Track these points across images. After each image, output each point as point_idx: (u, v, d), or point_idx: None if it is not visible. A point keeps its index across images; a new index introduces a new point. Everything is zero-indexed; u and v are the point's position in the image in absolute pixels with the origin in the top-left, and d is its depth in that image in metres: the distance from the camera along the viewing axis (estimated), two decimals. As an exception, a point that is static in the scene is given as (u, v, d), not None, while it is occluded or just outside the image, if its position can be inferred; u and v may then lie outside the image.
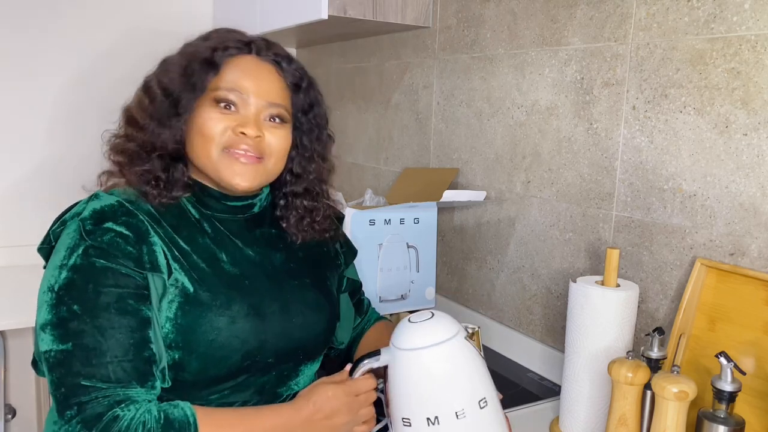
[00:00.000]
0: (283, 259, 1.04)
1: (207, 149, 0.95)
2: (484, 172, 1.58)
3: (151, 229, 0.91)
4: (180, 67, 0.96)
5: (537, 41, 1.41)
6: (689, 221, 1.13)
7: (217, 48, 0.96)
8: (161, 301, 0.90)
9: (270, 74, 0.99)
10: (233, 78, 0.95)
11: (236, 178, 0.95)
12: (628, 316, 1.05)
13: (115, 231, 0.88)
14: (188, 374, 0.91)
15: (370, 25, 1.76)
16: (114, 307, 0.85)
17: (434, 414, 0.85)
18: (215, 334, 0.91)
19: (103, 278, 0.86)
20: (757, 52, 1.01)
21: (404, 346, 0.88)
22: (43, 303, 0.87)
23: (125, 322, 0.86)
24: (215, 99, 0.94)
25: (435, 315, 0.90)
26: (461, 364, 0.87)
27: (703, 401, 1.00)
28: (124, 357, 0.84)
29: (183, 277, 0.92)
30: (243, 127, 0.94)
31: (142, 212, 0.92)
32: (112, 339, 0.84)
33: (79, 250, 0.87)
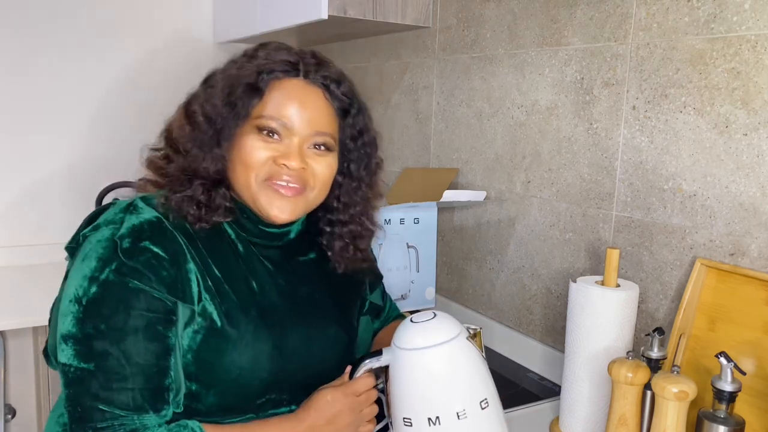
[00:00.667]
0: (309, 291, 1.01)
1: (247, 178, 0.91)
2: (484, 172, 1.58)
3: (188, 253, 0.88)
4: (223, 93, 0.91)
5: (537, 41, 1.41)
6: (689, 221, 1.13)
7: (261, 71, 0.91)
8: (186, 328, 0.88)
9: (317, 100, 0.94)
10: (277, 105, 0.91)
11: (275, 210, 0.92)
12: (628, 316, 1.05)
13: (152, 252, 0.85)
14: (202, 405, 0.90)
15: (370, 25, 1.76)
16: (142, 332, 0.83)
17: (435, 414, 0.85)
18: (236, 373, 0.90)
19: (135, 300, 0.83)
20: (757, 52, 1.01)
21: (406, 346, 0.88)
22: (68, 313, 0.84)
23: (152, 348, 0.83)
24: (258, 127, 0.90)
25: (437, 315, 0.90)
26: (463, 364, 0.87)
27: (703, 401, 1.00)
28: (145, 385, 0.83)
29: (212, 308, 0.89)
30: (285, 159, 0.90)
31: (180, 230, 0.89)
32: (136, 366, 0.82)
33: (113, 266, 0.84)
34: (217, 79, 0.94)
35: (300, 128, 0.92)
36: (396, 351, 0.89)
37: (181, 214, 0.90)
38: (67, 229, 2.22)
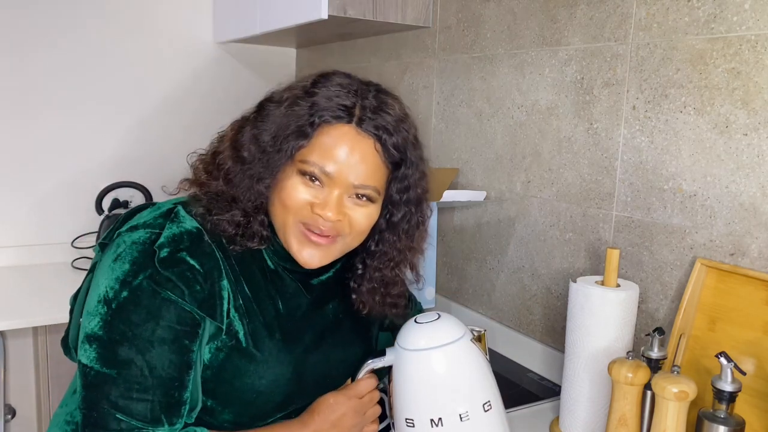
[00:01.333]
0: (334, 310, 1.00)
1: (284, 217, 0.89)
2: (484, 172, 1.58)
3: (223, 269, 0.87)
4: (271, 132, 0.88)
5: (537, 41, 1.41)
6: (689, 221, 1.13)
7: (314, 113, 0.87)
8: (207, 344, 0.87)
9: (366, 152, 0.88)
10: (323, 153, 0.87)
11: (305, 256, 0.90)
12: (628, 316, 1.05)
13: (189, 264, 0.84)
14: (215, 420, 0.90)
15: (370, 25, 1.76)
16: (169, 344, 0.82)
17: (438, 415, 0.85)
18: (255, 396, 0.90)
19: (165, 311, 0.82)
20: (757, 52, 1.01)
21: (410, 347, 0.88)
22: (96, 314, 0.83)
23: (175, 361, 0.83)
24: (301, 171, 0.88)
25: (441, 316, 0.90)
26: (466, 366, 0.87)
27: (703, 401, 1.00)
28: (164, 398, 0.82)
29: (240, 327, 0.88)
30: (322, 209, 0.87)
31: (217, 243, 0.88)
32: (158, 378, 0.81)
33: (147, 272, 0.82)
34: (270, 112, 0.90)
35: (342, 180, 0.88)
36: (400, 351, 0.89)
37: (217, 234, 0.89)
38: (67, 229, 2.22)
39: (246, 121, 0.92)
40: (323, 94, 0.88)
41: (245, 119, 0.92)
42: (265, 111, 0.90)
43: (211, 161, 0.93)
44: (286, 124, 0.87)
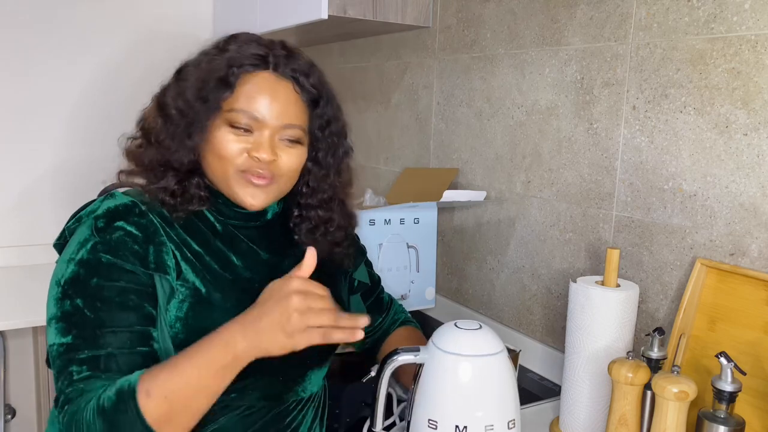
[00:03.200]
0: (291, 265, 1.01)
1: (223, 170, 0.94)
2: (484, 172, 1.58)
3: (162, 230, 0.92)
4: (195, 86, 0.94)
5: (537, 41, 1.41)
6: (689, 221, 1.13)
7: (232, 65, 0.93)
8: (170, 301, 0.91)
9: (287, 93, 0.96)
10: (248, 99, 0.93)
11: (248, 198, 0.96)
12: (628, 316, 1.05)
13: (125, 230, 0.89)
14: None
15: (370, 25, 1.76)
16: (116, 301, 0.86)
17: (464, 423, 0.85)
18: None
19: (107, 273, 0.87)
20: (757, 52, 1.01)
21: (450, 350, 0.87)
22: (51, 297, 0.88)
23: (125, 316, 0.86)
24: (229, 121, 0.93)
25: (483, 327, 0.90)
26: (502, 381, 0.88)
27: (703, 401, 1.00)
28: (119, 350, 0.85)
29: (195, 277, 0.92)
30: (257, 152, 0.93)
31: (156, 213, 0.93)
32: (110, 333, 0.85)
33: (88, 245, 0.88)
34: (189, 72, 0.96)
35: (270, 121, 0.94)
36: (436, 352, 0.88)
37: (156, 205, 0.94)
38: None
39: (166, 88, 0.97)
40: (237, 50, 0.95)
41: (165, 87, 0.97)
42: (183, 74, 0.96)
43: (141, 133, 0.98)
44: (207, 78, 0.93)
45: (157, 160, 0.94)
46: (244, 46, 0.96)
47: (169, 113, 0.94)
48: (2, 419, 1.76)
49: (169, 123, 0.94)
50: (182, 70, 0.97)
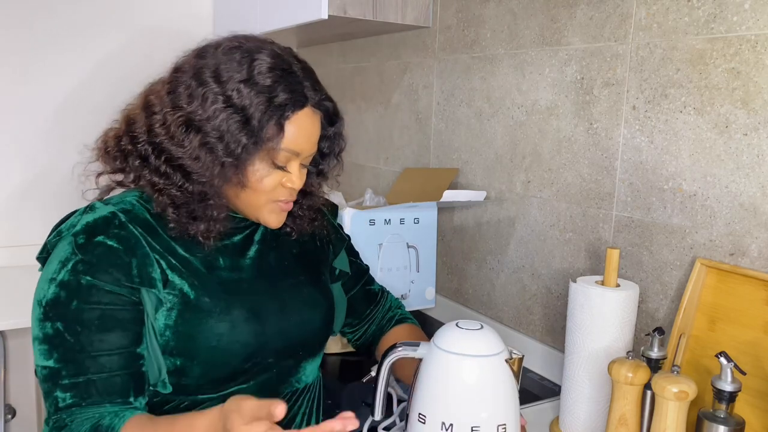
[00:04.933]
0: (277, 258, 1.04)
1: (254, 200, 0.94)
2: (484, 172, 1.58)
3: (144, 240, 0.90)
4: (240, 119, 0.88)
5: (537, 41, 1.41)
6: (689, 221, 1.13)
7: (284, 108, 0.89)
8: (157, 311, 0.90)
9: (317, 125, 0.96)
10: (294, 140, 0.91)
11: (275, 222, 0.98)
12: (628, 316, 1.05)
13: (106, 245, 0.88)
14: (191, 379, 0.92)
15: (370, 25, 1.76)
16: (96, 324, 0.86)
17: (450, 421, 0.85)
18: (216, 340, 0.92)
19: (87, 295, 0.86)
20: (757, 52, 1.01)
21: (444, 347, 0.88)
22: (34, 317, 0.88)
23: (106, 339, 0.86)
24: (272, 159, 0.91)
25: (484, 327, 0.90)
26: (494, 383, 0.87)
27: (703, 401, 1.00)
28: (99, 375, 0.86)
29: (182, 283, 0.92)
30: (292, 183, 0.94)
31: (137, 223, 0.91)
32: (90, 358, 0.85)
33: (69, 265, 0.87)
34: (229, 97, 0.88)
35: (304, 155, 0.96)
36: (434, 349, 0.89)
37: (142, 211, 0.92)
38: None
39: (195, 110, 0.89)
40: (271, 83, 0.89)
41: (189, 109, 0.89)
42: (211, 96, 0.88)
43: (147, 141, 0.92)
44: (253, 114, 0.88)
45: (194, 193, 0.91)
46: (285, 81, 0.90)
47: (210, 142, 0.89)
48: (2, 419, 1.76)
49: (213, 154, 0.89)
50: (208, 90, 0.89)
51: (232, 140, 0.88)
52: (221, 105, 0.88)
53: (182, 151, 0.89)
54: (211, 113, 0.88)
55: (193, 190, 0.91)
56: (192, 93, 0.90)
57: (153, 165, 0.92)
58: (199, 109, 0.89)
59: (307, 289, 1.05)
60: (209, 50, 0.94)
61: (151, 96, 0.96)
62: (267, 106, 0.89)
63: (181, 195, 0.91)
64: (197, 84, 0.90)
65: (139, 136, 0.93)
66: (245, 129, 0.88)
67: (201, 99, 0.89)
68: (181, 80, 0.92)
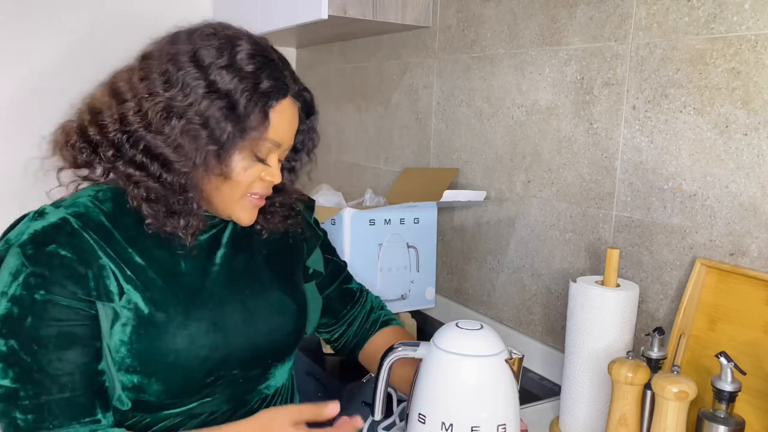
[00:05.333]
0: (246, 260, 0.99)
1: (231, 193, 0.90)
2: (484, 172, 1.58)
3: (99, 249, 0.84)
4: (224, 106, 0.84)
5: (537, 41, 1.41)
6: (689, 221, 1.13)
7: (269, 96, 0.87)
8: (113, 326, 0.85)
9: (297, 117, 0.94)
10: (276, 131, 0.88)
11: (247, 218, 0.93)
12: (628, 316, 1.05)
13: (59, 255, 0.82)
14: (150, 395, 0.88)
15: (370, 25, 1.76)
16: (53, 342, 0.81)
17: (450, 421, 0.85)
18: (174, 356, 0.87)
19: (43, 311, 0.81)
20: (757, 52, 1.01)
21: (443, 347, 0.88)
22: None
23: (66, 357, 0.82)
24: (254, 151, 0.88)
25: (484, 327, 0.90)
26: (494, 383, 0.87)
27: (703, 401, 1.00)
28: (60, 395, 0.81)
29: (137, 297, 0.86)
30: (272, 177, 0.91)
31: (91, 228, 0.85)
32: (49, 377, 0.81)
33: (20, 278, 0.81)
34: (212, 82, 0.85)
35: (283, 147, 0.93)
36: (434, 349, 0.89)
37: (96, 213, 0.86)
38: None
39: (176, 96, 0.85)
40: (254, 69, 0.86)
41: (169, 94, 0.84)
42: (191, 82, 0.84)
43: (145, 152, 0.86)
44: (237, 102, 0.84)
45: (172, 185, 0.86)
46: (267, 70, 0.88)
47: (191, 128, 0.84)
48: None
49: (196, 142, 0.84)
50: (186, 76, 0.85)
51: (216, 127, 0.84)
52: (203, 90, 0.84)
53: (162, 138, 0.84)
54: (193, 99, 0.84)
55: (172, 181, 0.86)
56: (169, 78, 0.85)
57: (128, 155, 0.86)
58: (179, 94, 0.84)
59: (276, 294, 1.00)
60: (182, 36, 0.91)
61: (119, 83, 0.89)
62: (252, 92, 0.85)
63: (159, 187, 0.86)
64: (175, 69, 0.85)
65: (109, 125, 0.87)
66: (231, 116, 0.84)
67: (181, 84, 0.84)
68: (153, 66, 0.87)
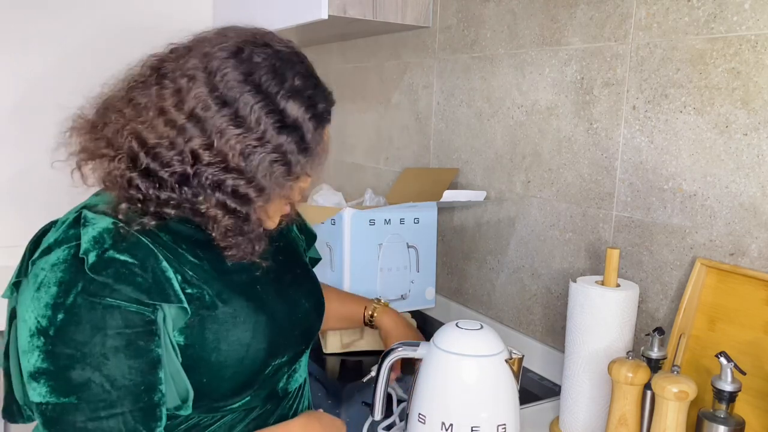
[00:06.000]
0: (273, 253, 0.99)
1: (278, 209, 0.93)
2: (484, 172, 1.58)
3: (158, 251, 0.81)
4: (297, 137, 0.84)
5: (537, 41, 1.41)
6: (689, 221, 1.13)
7: (323, 114, 0.87)
8: (176, 328, 0.83)
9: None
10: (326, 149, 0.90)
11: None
12: (628, 316, 1.05)
13: (119, 261, 0.77)
14: (215, 393, 0.87)
15: (370, 25, 1.76)
16: (123, 351, 0.77)
17: (450, 421, 0.85)
18: (245, 351, 0.87)
19: (110, 319, 0.76)
20: (757, 52, 1.01)
21: (444, 347, 0.88)
22: (34, 349, 0.76)
23: (136, 366, 0.77)
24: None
25: (484, 328, 0.90)
26: (494, 383, 0.87)
27: (703, 401, 1.00)
28: (135, 406, 0.77)
29: (201, 294, 0.84)
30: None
31: (141, 232, 0.81)
32: (122, 388, 0.77)
33: (78, 287, 0.76)
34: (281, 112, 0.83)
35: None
36: (433, 348, 0.89)
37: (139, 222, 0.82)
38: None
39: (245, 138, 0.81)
40: (312, 93, 0.87)
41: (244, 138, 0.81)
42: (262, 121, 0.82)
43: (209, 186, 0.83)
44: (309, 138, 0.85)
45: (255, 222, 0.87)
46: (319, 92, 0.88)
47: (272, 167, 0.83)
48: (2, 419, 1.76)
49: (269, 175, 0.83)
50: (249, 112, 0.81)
51: (294, 160, 0.83)
52: (277, 124, 0.82)
53: (242, 178, 0.82)
54: (269, 135, 0.81)
55: (242, 212, 0.84)
56: (237, 111, 0.81)
57: (202, 194, 0.83)
58: (253, 132, 0.81)
59: (305, 282, 1.04)
60: (221, 53, 0.88)
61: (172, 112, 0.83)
62: (315, 119, 0.85)
63: (235, 221, 0.85)
64: (240, 99, 0.82)
65: (175, 163, 0.81)
66: (301, 145, 0.84)
67: (254, 119, 0.81)
68: (204, 93, 0.82)
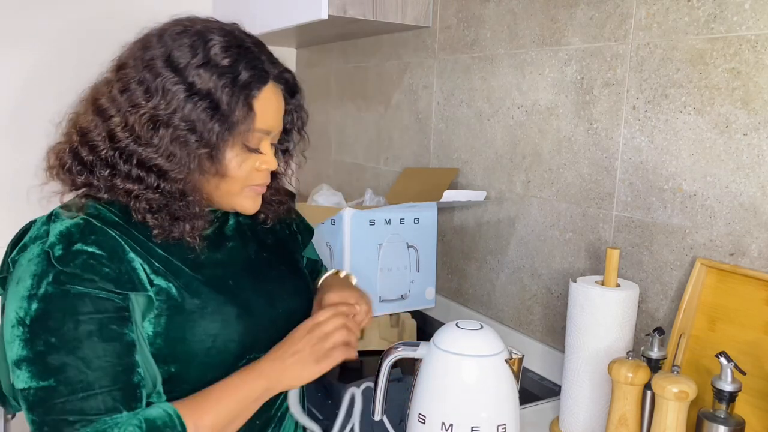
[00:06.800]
0: (256, 249, 1.02)
1: (228, 188, 0.91)
2: (484, 172, 1.58)
3: (125, 243, 0.85)
4: (207, 107, 0.84)
5: (537, 41, 1.41)
6: (689, 221, 1.13)
7: (250, 86, 0.87)
8: (145, 319, 0.86)
9: (282, 100, 0.94)
10: (263, 119, 0.89)
11: (251, 208, 0.95)
12: (628, 316, 1.05)
13: (87, 252, 0.82)
14: (187, 384, 0.89)
15: (370, 25, 1.76)
16: (96, 334, 0.80)
17: (450, 421, 0.85)
18: (212, 341, 0.89)
19: (81, 305, 0.80)
20: (757, 52, 1.01)
21: (443, 347, 0.88)
22: (14, 338, 0.80)
23: (110, 348, 0.81)
24: (245, 143, 0.88)
25: (484, 328, 0.90)
26: (494, 383, 0.87)
27: (703, 401, 1.00)
28: (113, 385, 0.80)
29: (168, 286, 0.87)
30: (268, 164, 0.92)
31: (110, 226, 0.85)
32: (99, 369, 0.80)
33: (49, 278, 0.80)
34: (191, 84, 0.85)
35: (275, 133, 0.94)
36: (433, 348, 0.89)
37: (109, 216, 0.87)
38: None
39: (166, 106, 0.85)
40: (231, 62, 0.87)
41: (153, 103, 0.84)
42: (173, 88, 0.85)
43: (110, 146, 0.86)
44: (219, 98, 0.85)
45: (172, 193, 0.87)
46: (244, 60, 0.88)
47: (179, 134, 0.85)
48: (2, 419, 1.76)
49: (178, 144, 0.85)
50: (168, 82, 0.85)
51: (204, 129, 0.84)
52: (184, 94, 0.84)
53: (153, 150, 0.85)
54: (176, 104, 0.84)
55: (171, 189, 0.87)
56: (149, 87, 0.85)
57: (123, 171, 0.86)
58: (161, 102, 0.84)
59: (290, 279, 1.04)
60: (153, 39, 0.91)
61: (101, 99, 0.89)
62: (232, 86, 0.86)
63: (160, 197, 0.87)
64: (153, 76, 0.85)
65: (100, 144, 0.86)
66: (216, 114, 0.85)
67: (161, 92, 0.84)
68: (131, 76, 0.87)
